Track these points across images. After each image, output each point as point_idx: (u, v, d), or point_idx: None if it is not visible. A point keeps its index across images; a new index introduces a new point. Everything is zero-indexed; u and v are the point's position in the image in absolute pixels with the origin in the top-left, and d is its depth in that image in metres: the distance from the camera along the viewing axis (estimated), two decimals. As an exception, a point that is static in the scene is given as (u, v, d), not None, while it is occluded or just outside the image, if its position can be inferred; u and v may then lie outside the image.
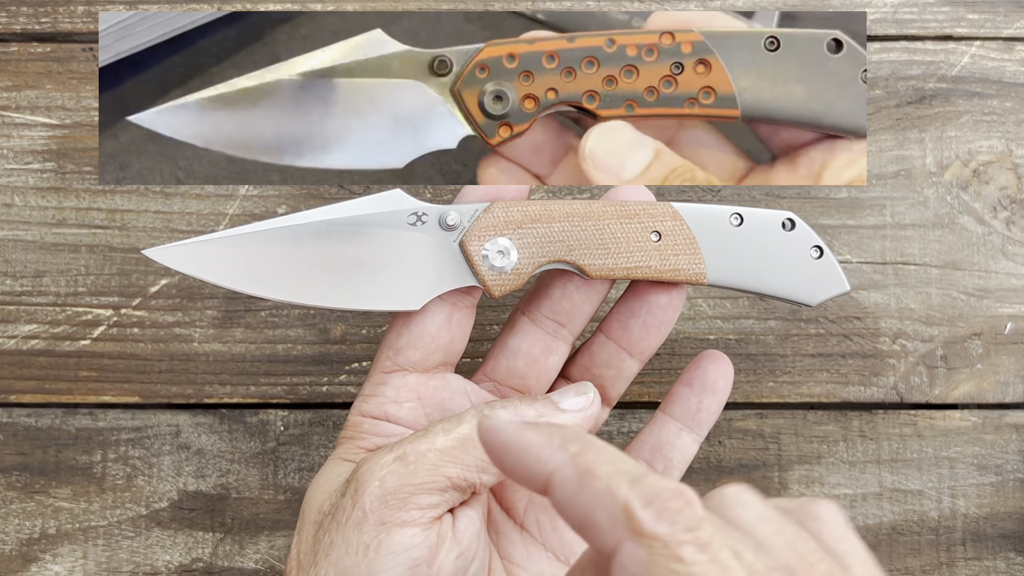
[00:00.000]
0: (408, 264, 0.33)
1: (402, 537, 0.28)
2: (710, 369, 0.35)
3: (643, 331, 0.35)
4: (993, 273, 0.43)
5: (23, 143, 0.44)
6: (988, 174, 0.44)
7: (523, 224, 0.33)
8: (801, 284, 0.34)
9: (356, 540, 0.28)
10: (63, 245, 0.43)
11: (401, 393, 0.33)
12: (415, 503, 0.29)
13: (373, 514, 0.29)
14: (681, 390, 0.36)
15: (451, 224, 0.33)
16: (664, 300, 0.34)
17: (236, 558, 0.42)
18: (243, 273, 0.32)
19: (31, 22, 0.44)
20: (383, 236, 0.33)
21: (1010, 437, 0.43)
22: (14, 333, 0.43)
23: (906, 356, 0.43)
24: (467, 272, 0.33)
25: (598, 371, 0.36)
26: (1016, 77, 0.44)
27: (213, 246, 0.32)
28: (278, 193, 0.43)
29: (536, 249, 0.33)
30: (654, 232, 0.33)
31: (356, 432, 0.34)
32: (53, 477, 0.42)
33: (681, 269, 0.33)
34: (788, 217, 0.34)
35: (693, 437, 0.36)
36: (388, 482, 0.29)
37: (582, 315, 0.35)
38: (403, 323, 0.34)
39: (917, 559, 0.42)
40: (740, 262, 0.34)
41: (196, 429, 0.43)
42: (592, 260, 0.33)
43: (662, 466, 0.36)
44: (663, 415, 0.36)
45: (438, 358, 0.34)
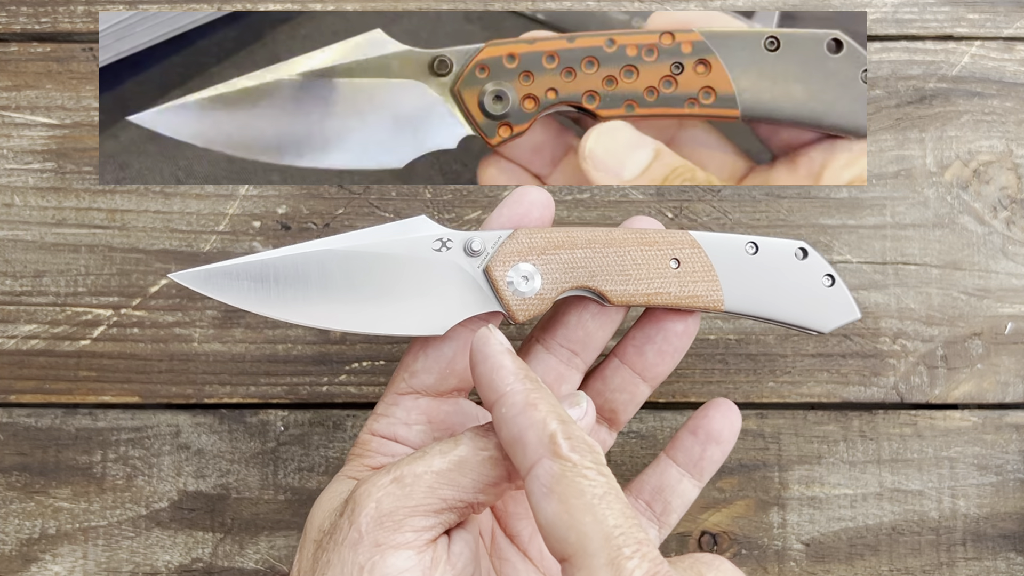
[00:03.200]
0: (433, 290, 0.33)
1: (396, 560, 0.28)
2: (716, 419, 0.36)
3: (658, 357, 0.35)
4: (993, 273, 0.43)
5: (23, 143, 0.44)
6: (988, 174, 0.44)
7: (547, 250, 0.33)
8: (814, 312, 0.34)
9: (351, 561, 0.29)
10: (63, 245, 0.43)
11: (412, 415, 0.34)
12: (410, 525, 0.29)
13: (368, 535, 0.29)
14: (686, 437, 0.36)
15: (476, 250, 0.33)
16: (680, 327, 0.35)
17: (236, 558, 0.42)
18: (269, 297, 0.33)
19: (31, 22, 0.44)
20: (408, 262, 0.33)
21: (1010, 437, 0.43)
22: (14, 333, 0.43)
23: (906, 356, 0.43)
24: (491, 298, 0.33)
25: (611, 395, 0.36)
26: (1016, 77, 0.44)
27: (239, 270, 0.33)
28: (278, 193, 0.43)
29: (559, 275, 0.33)
30: (673, 259, 0.34)
31: (364, 450, 0.34)
32: (53, 477, 0.42)
33: (699, 296, 0.34)
34: (801, 247, 0.34)
35: (694, 483, 0.36)
36: (384, 504, 0.29)
37: (596, 343, 0.35)
38: (421, 347, 0.34)
39: (917, 559, 0.42)
40: (756, 290, 0.34)
41: (196, 429, 0.43)
42: (613, 286, 0.34)
43: (661, 508, 0.36)
44: (666, 458, 0.36)
45: (452, 383, 0.34)
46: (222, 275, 0.33)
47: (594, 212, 0.43)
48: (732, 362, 0.43)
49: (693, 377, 0.43)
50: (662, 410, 0.43)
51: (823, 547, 0.42)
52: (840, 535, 0.42)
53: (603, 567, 0.25)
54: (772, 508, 0.43)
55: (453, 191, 0.43)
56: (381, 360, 0.43)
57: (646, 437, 0.43)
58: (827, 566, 0.42)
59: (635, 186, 0.43)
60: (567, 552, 0.26)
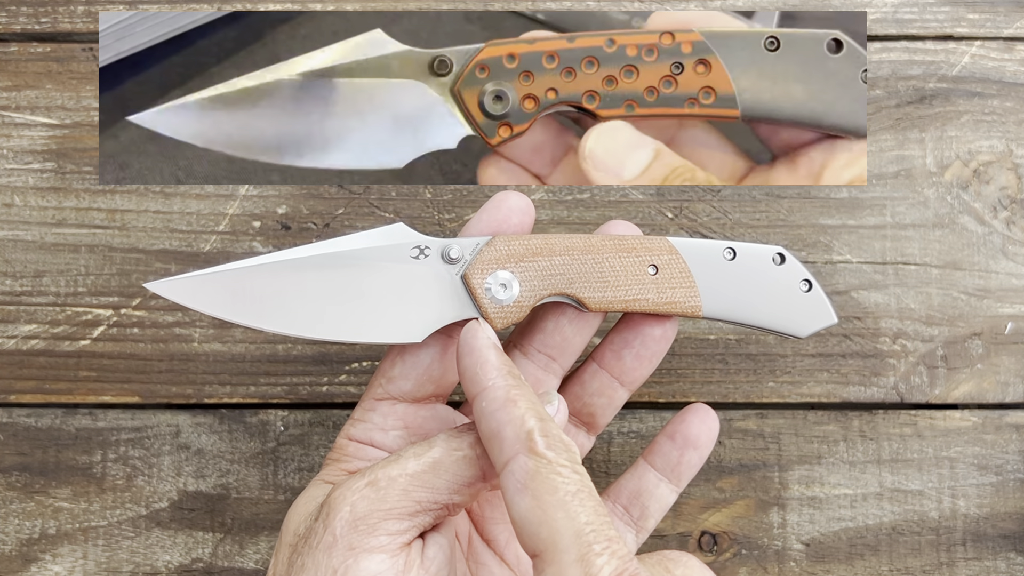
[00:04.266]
0: (411, 297, 0.33)
1: (370, 563, 0.29)
2: (694, 424, 0.36)
3: (636, 361, 0.35)
4: (993, 273, 0.43)
5: (23, 143, 0.44)
6: (988, 174, 0.44)
7: (524, 257, 0.33)
8: (791, 317, 0.35)
9: (325, 564, 0.29)
10: (63, 245, 0.43)
11: (388, 421, 0.34)
12: (384, 529, 0.29)
13: (343, 539, 0.29)
14: (664, 442, 0.36)
15: (454, 257, 0.33)
16: (658, 332, 0.35)
17: (236, 558, 0.42)
18: (245, 306, 0.32)
19: (31, 22, 0.44)
20: (386, 269, 0.33)
21: (1010, 437, 0.43)
22: (14, 333, 0.43)
23: (906, 356, 0.43)
24: (469, 305, 0.33)
25: (589, 399, 0.36)
26: (1016, 77, 0.44)
27: (214, 279, 0.32)
28: (278, 193, 0.43)
29: (537, 282, 0.33)
30: (651, 266, 0.34)
31: (341, 455, 0.34)
32: (53, 477, 0.42)
33: (677, 302, 0.34)
34: (778, 252, 0.35)
35: (672, 488, 0.36)
36: (359, 507, 0.29)
37: (573, 349, 0.35)
38: (398, 353, 0.34)
39: (917, 559, 0.42)
40: (733, 295, 0.34)
41: (196, 429, 0.43)
42: (592, 293, 0.34)
43: (638, 512, 0.36)
44: (644, 463, 0.36)
45: (429, 389, 0.34)
46: (198, 285, 0.32)
47: (594, 212, 0.43)
48: (732, 362, 0.43)
49: (693, 377, 0.43)
50: (662, 410, 0.43)
51: (823, 547, 0.42)
52: (840, 535, 0.42)
53: (573, 563, 0.26)
54: (772, 508, 0.43)
55: (453, 191, 0.43)
56: (381, 360, 0.43)
57: (646, 437, 0.43)
58: (827, 566, 0.42)
59: (635, 186, 0.43)
60: (539, 548, 0.26)
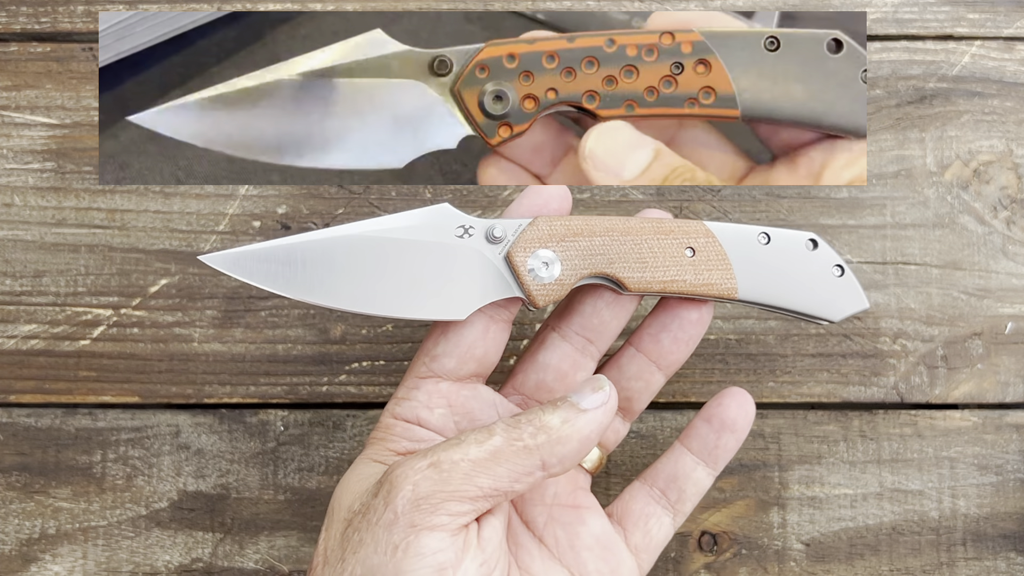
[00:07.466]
0: (455, 275, 0.34)
1: (430, 540, 0.29)
2: (731, 407, 0.36)
3: (673, 344, 0.36)
4: (993, 273, 0.43)
5: (23, 143, 0.44)
6: (988, 174, 0.44)
7: (566, 237, 0.34)
8: (824, 301, 0.35)
9: (385, 540, 0.29)
10: (63, 245, 0.43)
11: (433, 399, 0.34)
12: (446, 509, 0.29)
13: (404, 516, 0.29)
14: (701, 425, 0.36)
15: (497, 236, 0.34)
16: (695, 316, 0.35)
17: (236, 558, 0.42)
18: (295, 280, 0.33)
19: (31, 22, 0.44)
20: (431, 248, 0.34)
21: (1010, 437, 0.43)
22: (14, 333, 0.43)
23: (906, 356, 0.43)
24: (512, 283, 0.34)
25: (627, 383, 0.36)
26: (1016, 77, 0.44)
27: (267, 252, 0.33)
28: (278, 193, 0.43)
29: (578, 262, 0.34)
30: (688, 248, 0.34)
31: (387, 434, 0.34)
32: (53, 477, 0.42)
33: (714, 284, 0.34)
34: (811, 237, 0.35)
35: (709, 471, 0.36)
36: (421, 487, 0.29)
37: (610, 332, 0.36)
38: (441, 332, 0.34)
39: (917, 559, 0.42)
40: (768, 279, 0.35)
41: (196, 429, 0.43)
42: (631, 273, 0.34)
43: (675, 496, 0.36)
44: (680, 447, 0.36)
45: (471, 368, 0.34)
46: (251, 258, 0.33)
47: (594, 212, 0.43)
48: (732, 362, 0.43)
49: (693, 377, 0.43)
50: (662, 410, 0.43)
51: (823, 547, 0.42)
52: (840, 535, 0.42)
53: None
54: (772, 508, 0.43)
55: (453, 191, 0.43)
56: (381, 360, 0.43)
57: (646, 437, 0.43)
58: (827, 566, 0.42)
59: (635, 186, 0.43)
60: None
